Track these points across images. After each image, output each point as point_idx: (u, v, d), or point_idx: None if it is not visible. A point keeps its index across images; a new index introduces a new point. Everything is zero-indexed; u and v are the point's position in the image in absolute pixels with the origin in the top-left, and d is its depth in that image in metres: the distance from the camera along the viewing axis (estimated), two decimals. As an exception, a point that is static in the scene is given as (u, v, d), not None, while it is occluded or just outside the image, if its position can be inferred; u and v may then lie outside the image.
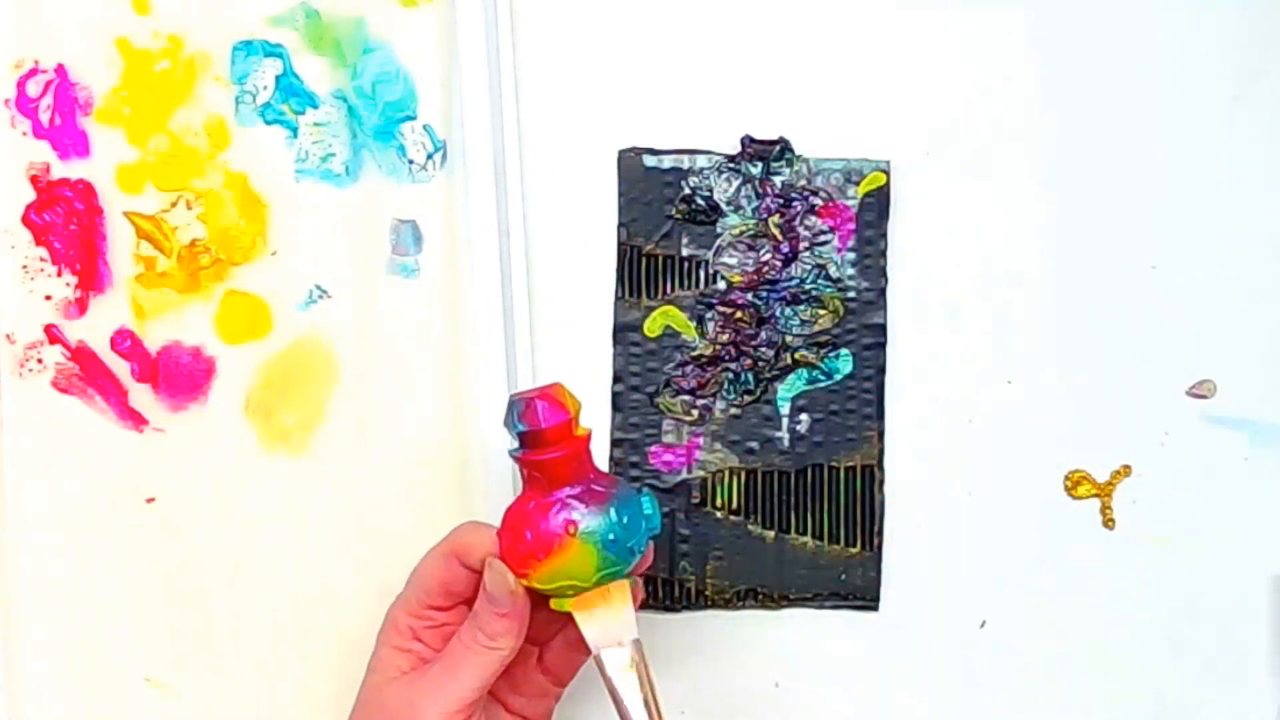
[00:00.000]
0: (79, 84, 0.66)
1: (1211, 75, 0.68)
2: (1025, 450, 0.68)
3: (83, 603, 0.65)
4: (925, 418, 0.68)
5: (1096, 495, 0.68)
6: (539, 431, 0.57)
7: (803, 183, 0.68)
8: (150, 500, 0.66)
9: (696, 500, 0.67)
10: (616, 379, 0.67)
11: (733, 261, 0.68)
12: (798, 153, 0.68)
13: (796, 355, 0.68)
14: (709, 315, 0.68)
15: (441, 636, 0.59)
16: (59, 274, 0.66)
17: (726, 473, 0.67)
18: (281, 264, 0.67)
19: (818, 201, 0.68)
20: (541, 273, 0.67)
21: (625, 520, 0.57)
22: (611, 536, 0.57)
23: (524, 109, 0.67)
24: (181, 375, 0.66)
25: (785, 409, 0.67)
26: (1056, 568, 0.68)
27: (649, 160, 0.68)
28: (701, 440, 0.67)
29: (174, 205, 0.67)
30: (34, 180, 0.66)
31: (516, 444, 0.58)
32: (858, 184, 0.68)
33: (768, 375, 0.67)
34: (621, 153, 0.68)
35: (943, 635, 0.68)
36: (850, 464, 0.67)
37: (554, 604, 0.58)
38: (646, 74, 0.68)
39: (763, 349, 0.68)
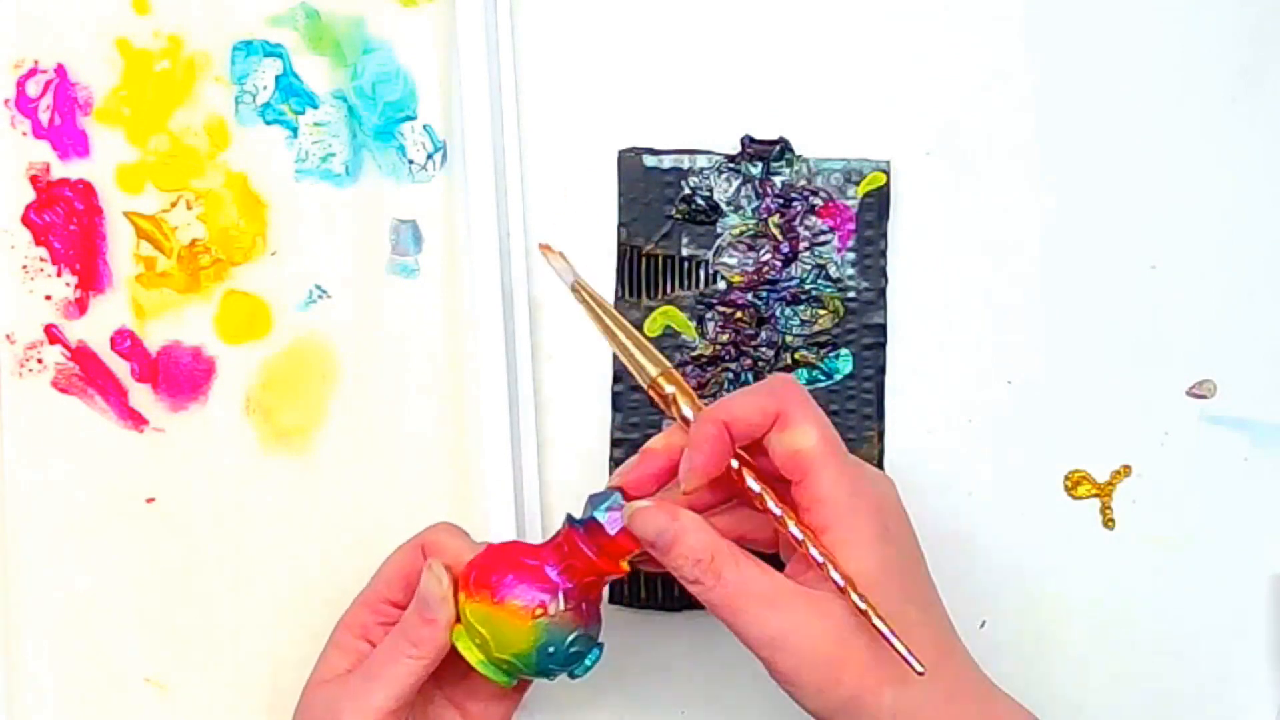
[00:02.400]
0: (79, 84, 0.66)
1: (1211, 76, 0.68)
2: (1025, 450, 0.68)
3: (83, 603, 0.65)
4: (925, 418, 0.68)
5: (1096, 495, 0.68)
6: (607, 536, 0.56)
7: (803, 183, 0.68)
8: (150, 500, 0.66)
9: (696, 500, 0.67)
10: (616, 379, 0.67)
11: (733, 261, 0.68)
12: (798, 153, 0.68)
13: (796, 355, 0.67)
14: (709, 315, 0.68)
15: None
16: (59, 274, 0.66)
17: (726, 473, 0.67)
18: (281, 264, 0.67)
19: (818, 201, 0.68)
20: (541, 273, 0.67)
21: (570, 652, 0.57)
22: (551, 650, 0.56)
23: (524, 109, 0.68)
24: (181, 375, 0.66)
25: (785, 409, 0.67)
26: (1056, 568, 0.68)
27: (649, 160, 0.68)
28: (701, 440, 0.67)
29: (174, 205, 0.67)
30: (34, 180, 0.66)
31: (582, 518, 0.57)
32: (858, 184, 0.68)
33: (768, 375, 0.67)
34: (621, 153, 0.68)
35: (943, 635, 0.67)
36: (850, 464, 0.67)
37: (456, 634, 0.57)
38: (646, 74, 0.68)
39: (763, 349, 0.68)
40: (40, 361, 0.66)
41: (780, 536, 0.56)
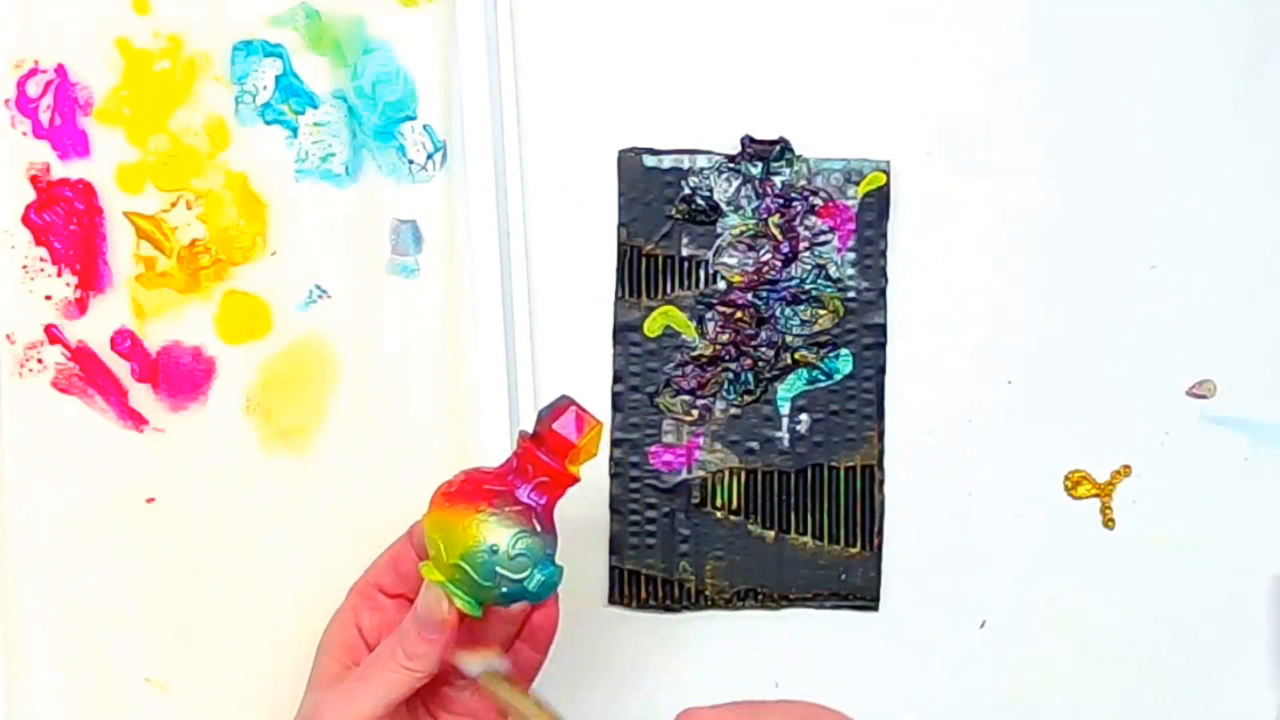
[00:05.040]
0: (79, 84, 0.66)
1: (1211, 75, 0.68)
2: (1025, 450, 0.68)
3: (83, 603, 0.65)
4: (925, 418, 0.68)
5: (1096, 495, 0.68)
6: (568, 443, 0.55)
7: (803, 183, 0.68)
8: (150, 500, 0.66)
9: (696, 500, 0.67)
10: (616, 379, 0.67)
11: (733, 261, 0.68)
12: (798, 153, 0.68)
13: (796, 355, 0.68)
14: (709, 315, 0.68)
15: (379, 623, 0.58)
16: (59, 274, 0.66)
17: (726, 473, 0.67)
18: (281, 264, 0.67)
19: (818, 201, 0.68)
20: (541, 273, 0.67)
21: (517, 555, 0.55)
22: (494, 547, 0.55)
23: (524, 109, 0.68)
24: (181, 375, 0.66)
25: (785, 409, 0.68)
26: (1056, 568, 0.68)
27: (649, 160, 0.68)
28: (701, 440, 0.67)
29: (174, 205, 0.67)
30: (34, 180, 0.66)
31: (536, 431, 0.56)
32: (858, 184, 0.68)
33: (768, 375, 0.67)
34: (621, 153, 0.68)
35: (943, 635, 0.68)
36: (850, 464, 0.67)
37: (424, 568, 0.56)
38: (646, 74, 0.68)
39: (763, 349, 0.68)
40: (40, 361, 0.66)
41: None
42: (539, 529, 0.56)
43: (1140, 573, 0.68)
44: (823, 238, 0.68)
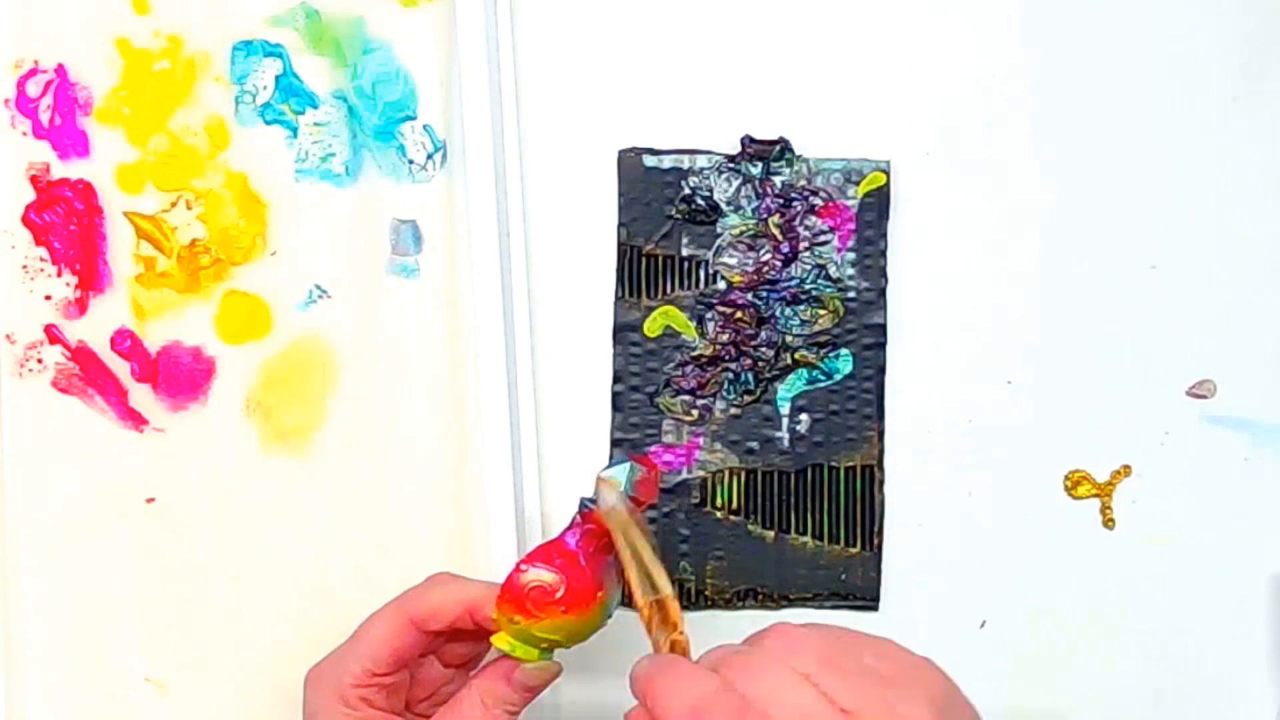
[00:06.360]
0: (79, 84, 0.66)
1: (1211, 76, 0.68)
2: (1025, 450, 0.68)
3: (83, 603, 0.65)
4: (925, 418, 0.68)
5: (1096, 495, 0.68)
6: (638, 503, 0.55)
7: (803, 183, 0.68)
8: (150, 500, 0.66)
9: (696, 500, 0.67)
10: (616, 379, 0.67)
11: (733, 261, 0.68)
12: (798, 153, 0.68)
13: (796, 355, 0.68)
14: (709, 315, 0.68)
15: (387, 695, 0.58)
16: (59, 274, 0.66)
17: (726, 473, 0.67)
18: (281, 264, 0.67)
19: (818, 201, 0.68)
20: (541, 273, 0.67)
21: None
22: (612, 611, 0.57)
23: (524, 109, 0.68)
24: (181, 375, 0.66)
25: (785, 409, 0.67)
26: (1056, 568, 0.68)
27: (649, 160, 0.68)
28: (701, 440, 0.67)
29: (174, 205, 0.67)
30: (34, 180, 0.66)
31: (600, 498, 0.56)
32: (858, 184, 0.68)
33: (768, 375, 0.67)
34: (621, 153, 0.68)
35: (943, 635, 0.67)
36: (850, 464, 0.67)
37: (509, 646, 0.56)
38: (646, 74, 0.68)
39: (763, 349, 0.68)
40: (40, 361, 0.66)
41: None
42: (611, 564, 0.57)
43: (1140, 573, 0.68)
44: (823, 238, 0.68)
